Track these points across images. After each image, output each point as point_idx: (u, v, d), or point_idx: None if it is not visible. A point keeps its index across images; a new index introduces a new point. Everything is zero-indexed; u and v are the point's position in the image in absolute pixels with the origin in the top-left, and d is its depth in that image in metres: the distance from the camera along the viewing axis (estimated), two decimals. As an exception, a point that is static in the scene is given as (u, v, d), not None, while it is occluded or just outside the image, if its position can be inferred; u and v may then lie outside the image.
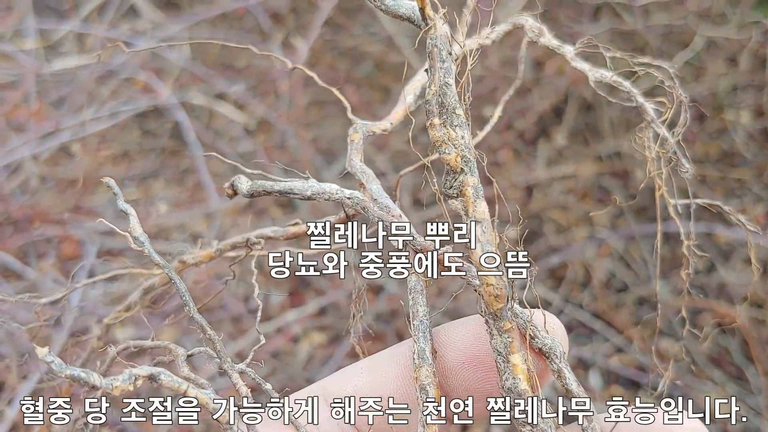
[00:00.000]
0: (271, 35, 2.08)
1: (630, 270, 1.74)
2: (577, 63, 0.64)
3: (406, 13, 0.53)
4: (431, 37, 0.48)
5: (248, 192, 0.55)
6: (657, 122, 0.62)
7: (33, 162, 1.77)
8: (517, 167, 1.87)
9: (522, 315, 0.49)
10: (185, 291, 0.50)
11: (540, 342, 0.49)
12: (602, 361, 1.60)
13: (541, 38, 0.65)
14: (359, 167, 0.57)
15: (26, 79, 1.88)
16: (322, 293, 1.64)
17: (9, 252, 1.60)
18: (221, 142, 1.94)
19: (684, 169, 0.61)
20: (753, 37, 1.82)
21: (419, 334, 0.50)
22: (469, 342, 0.50)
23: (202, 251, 0.61)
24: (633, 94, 0.63)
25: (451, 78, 0.47)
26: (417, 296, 0.51)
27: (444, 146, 0.46)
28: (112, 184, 0.53)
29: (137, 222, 0.52)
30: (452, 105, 0.47)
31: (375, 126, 0.61)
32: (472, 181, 0.46)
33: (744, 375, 1.54)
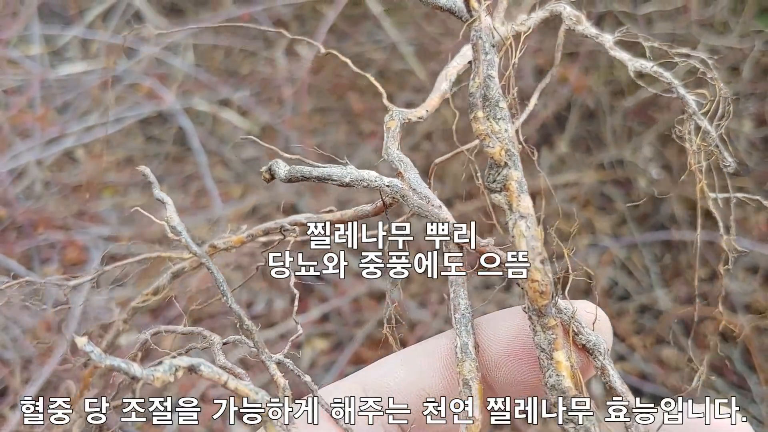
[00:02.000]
0: (275, 42, 2.08)
1: (632, 278, 1.74)
2: (616, 52, 0.64)
3: (446, 4, 0.53)
4: (475, 29, 0.47)
5: (286, 177, 0.54)
6: (698, 115, 0.61)
7: (37, 167, 1.77)
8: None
9: (565, 310, 0.48)
10: (222, 281, 0.50)
11: (584, 338, 0.48)
12: (604, 368, 1.60)
13: (578, 26, 0.65)
14: (396, 155, 0.55)
15: (31, 85, 1.88)
16: (325, 300, 1.64)
17: (13, 257, 1.60)
18: (225, 149, 1.95)
19: (726, 163, 0.61)
20: (755, 46, 1.83)
21: (461, 328, 0.49)
22: (512, 335, 0.50)
23: (233, 236, 0.60)
24: (674, 85, 0.62)
25: (494, 70, 0.47)
26: (458, 289, 0.51)
27: (488, 139, 0.46)
28: (147, 173, 0.53)
29: (174, 211, 0.52)
30: (496, 98, 0.46)
31: (411, 113, 0.60)
32: (516, 176, 0.46)
33: (746, 384, 1.54)
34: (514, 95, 0.49)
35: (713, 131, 0.60)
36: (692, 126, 0.61)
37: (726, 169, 0.61)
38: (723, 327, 1.54)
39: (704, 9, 1.89)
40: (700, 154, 0.61)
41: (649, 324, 1.66)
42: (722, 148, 0.60)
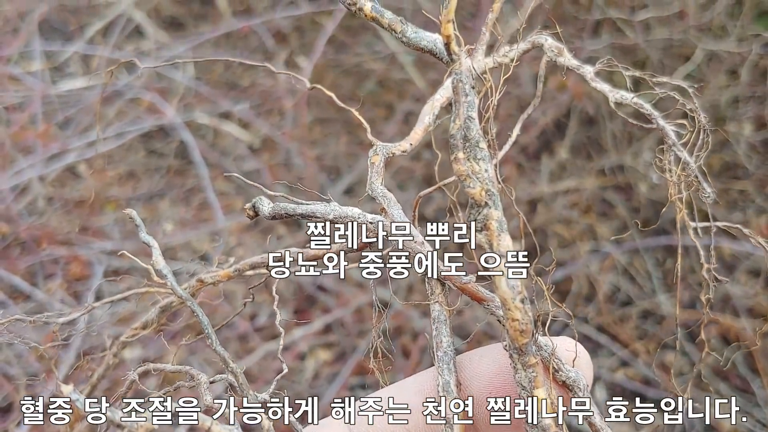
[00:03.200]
0: (275, 54, 2.09)
1: (634, 283, 1.74)
2: (597, 84, 0.64)
3: (427, 46, 0.54)
4: (455, 72, 0.47)
5: (270, 214, 0.55)
6: (678, 145, 0.62)
7: (40, 183, 1.78)
8: (520, 182, 1.87)
9: (545, 347, 0.49)
10: (208, 323, 0.51)
11: (564, 375, 0.49)
12: (608, 375, 1.60)
13: (559, 58, 0.65)
14: (380, 191, 0.56)
15: (33, 101, 1.89)
16: (327, 311, 1.64)
17: (17, 273, 1.61)
18: (226, 161, 1.96)
19: (705, 194, 0.61)
20: (753, 49, 1.83)
21: (443, 366, 0.50)
22: (494, 372, 0.51)
23: (220, 271, 0.61)
24: (654, 116, 0.63)
25: (474, 112, 0.47)
26: (440, 326, 0.52)
27: (468, 180, 0.46)
28: (134, 216, 0.53)
29: (160, 254, 0.53)
30: (476, 138, 0.47)
31: (395, 147, 0.61)
32: (496, 215, 0.45)
33: (750, 387, 1.54)
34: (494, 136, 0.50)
35: (692, 162, 0.61)
36: (672, 157, 0.62)
37: (705, 200, 0.61)
38: (726, 332, 1.54)
39: (702, 13, 1.90)
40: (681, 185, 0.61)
41: (651, 329, 1.66)
42: (701, 178, 0.61)
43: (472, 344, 1.54)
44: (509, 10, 1.77)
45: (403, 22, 0.55)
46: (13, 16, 2.05)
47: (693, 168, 0.61)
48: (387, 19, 0.54)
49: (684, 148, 0.61)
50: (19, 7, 2.07)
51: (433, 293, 0.52)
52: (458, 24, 0.48)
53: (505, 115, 1.87)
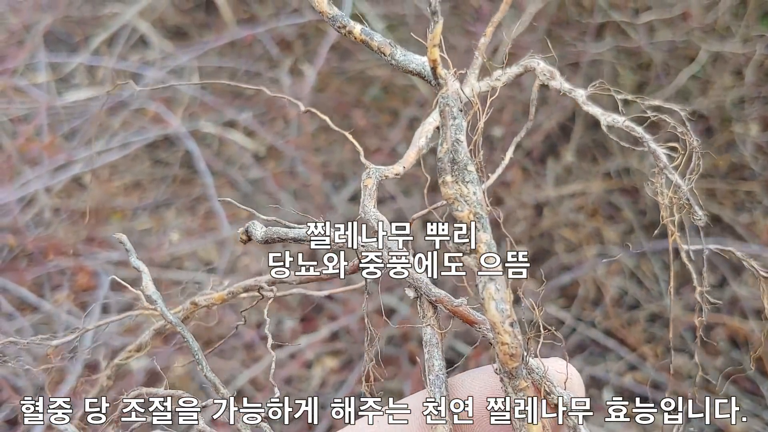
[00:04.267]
0: (280, 62, 2.10)
1: (642, 287, 1.74)
2: (588, 107, 0.65)
3: (416, 69, 0.55)
4: (443, 96, 0.47)
5: (262, 239, 0.55)
6: (669, 169, 0.62)
7: (46, 194, 1.79)
8: (526, 186, 1.87)
9: (537, 370, 0.49)
10: (198, 349, 0.51)
11: (555, 398, 0.49)
12: (616, 379, 1.60)
13: (551, 82, 0.66)
14: (373, 214, 0.56)
15: (38, 113, 1.90)
16: (334, 318, 1.64)
17: (24, 284, 1.62)
18: (232, 170, 1.96)
19: (697, 217, 0.61)
20: (758, 49, 1.83)
21: (435, 389, 0.50)
22: (485, 394, 0.50)
23: (215, 293, 0.61)
24: (645, 139, 0.63)
25: (462, 134, 0.47)
26: (432, 349, 0.51)
27: (456, 203, 0.45)
28: (124, 240, 0.54)
29: (150, 280, 0.53)
30: (464, 161, 0.46)
31: (388, 170, 0.61)
32: (485, 238, 0.45)
33: (758, 390, 1.53)
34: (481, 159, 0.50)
35: (684, 185, 0.61)
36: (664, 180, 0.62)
37: (697, 223, 0.61)
38: (734, 334, 1.53)
39: (706, 14, 1.89)
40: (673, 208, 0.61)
41: (659, 333, 1.66)
42: (693, 201, 0.61)
43: (479, 349, 1.54)
44: (512, 15, 1.77)
45: (392, 45, 0.55)
46: (19, 28, 2.06)
47: (684, 191, 0.61)
48: (376, 42, 0.55)
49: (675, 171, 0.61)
50: (24, 20, 2.08)
51: (424, 316, 0.52)
52: (461, 28, 0.48)
53: (510, 120, 1.87)
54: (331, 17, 0.55)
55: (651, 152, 0.62)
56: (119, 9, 2.13)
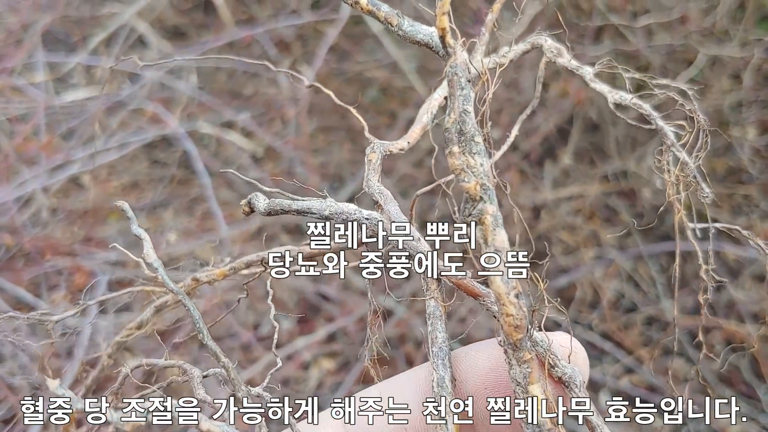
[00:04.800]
0: (278, 63, 2.10)
1: (639, 289, 1.74)
2: (596, 84, 0.64)
3: (424, 39, 0.54)
4: (451, 65, 0.47)
5: (265, 210, 0.55)
6: (677, 146, 0.62)
7: (44, 194, 1.78)
8: (523, 188, 1.87)
9: (542, 343, 0.48)
10: (199, 318, 0.51)
11: (560, 371, 0.49)
12: (612, 382, 1.60)
13: (559, 59, 0.65)
14: (377, 188, 0.56)
15: (36, 112, 1.90)
16: (331, 319, 1.64)
17: (21, 284, 1.61)
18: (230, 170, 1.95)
19: (704, 194, 0.61)
20: (756, 53, 1.83)
21: (438, 362, 0.50)
22: (489, 368, 0.50)
23: (216, 269, 0.61)
24: (653, 117, 0.63)
25: (470, 105, 0.47)
26: (436, 322, 0.51)
27: (463, 174, 0.45)
28: (126, 208, 0.54)
29: (151, 247, 0.53)
30: (471, 132, 0.46)
31: (392, 145, 0.61)
32: (491, 210, 0.45)
33: (755, 393, 1.54)
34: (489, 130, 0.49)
35: (691, 162, 0.61)
36: (671, 157, 0.61)
37: (704, 200, 0.61)
38: (731, 337, 1.53)
39: (704, 18, 1.89)
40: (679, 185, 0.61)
41: (656, 335, 1.66)
42: (700, 178, 0.61)
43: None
44: (510, 17, 1.77)
45: (399, 15, 0.55)
46: (17, 27, 2.06)
47: (692, 168, 0.60)
48: (383, 12, 0.54)
49: (683, 149, 0.61)
50: (22, 19, 2.07)
51: (428, 289, 0.52)
52: (460, 30, 0.48)
53: (508, 122, 1.87)
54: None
55: (658, 129, 0.62)
56: (118, 9, 2.13)
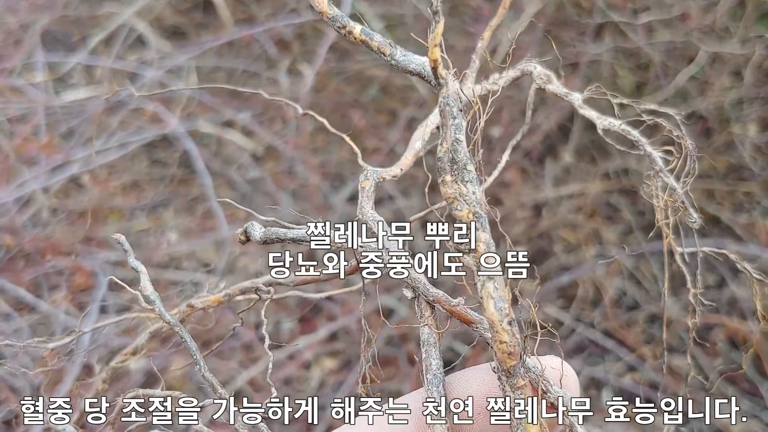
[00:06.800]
0: (278, 62, 2.09)
1: (641, 288, 1.74)
2: (585, 111, 0.65)
3: (416, 69, 0.54)
4: (443, 96, 0.47)
5: (261, 239, 0.55)
6: (665, 171, 0.63)
7: (44, 194, 1.78)
8: (524, 187, 1.87)
9: (534, 369, 0.49)
10: (196, 350, 0.51)
11: (552, 396, 0.49)
12: (615, 380, 1.59)
13: (548, 85, 0.66)
14: (371, 215, 0.56)
15: (36, 112, 1.90)
16: (333, 318, 1.64)
17: (21, 285, 1.61)
18: (230, 170, 1.95)
19: (692, 220, 0.62)
20: (757, 50, 1.82)
21: (433, 389, 0.50)
22: (482, 393, 0.50)
23: (211, 296, 0.62)
24: (641, 143, 0.63)
25: (462, 134, 0.47)
26: (430, 349, 0.51)
27: (456, 203, 0.46)
28: (122, 241, 0.54)
29: (148, 280, 0.53)
30: (463, 161, 0.47)
31: (385, 172, 0.61)
32: (483, 237, 0.46)
33: (758, 391, 1.53)
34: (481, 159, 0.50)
35: (679, 188, 0.61)
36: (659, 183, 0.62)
37: (692, 225, 0.62)
38: (734, 335, 1.53)
39: (704, 15, 1.89)
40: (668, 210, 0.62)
41: (658, 333, 1.66)
42: (688, 204, 0.61)
43: (477, 349, 1.54)
44: (511, 15, 1.76)
45: (392, 45, 0.55)
46: (16, 27, 2.06)
47: (680, 194, 0.61)
48: (376, 42, 0.55)
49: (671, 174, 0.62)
50: (21, 19, 2.07)
51: (422, 316, 0.52)
52: (460, 29, 0.48)
53: (508, 120, 1.87)
54: (331, 17, 0.55)
55: (647, 155, 0.62)
56: (116, 9, 2.12)
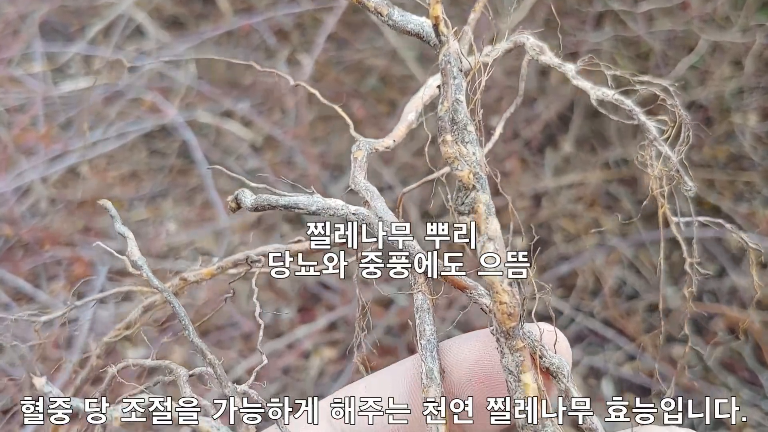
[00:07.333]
0: (277, 52, 2.09)
1: (640, 277, 1.73)
2: (578, 81, 0.64)
3: (414, 29, 0.54)
4: (444, 54, 0.47)
5: (252, 206, 0.55)
6: (659, 140, 0.62)
7: (42, 185, 1.78)
8: (524, 176, 1.87)
9: (530, 334, 0.48)
10: (184, 315, 0.50)
11: (548, 361, 0.49)
12: (614, 369, 1.59)
13: (541, 56, 0.65)
14: (363, 184, 0.56)
15: (34, 103, 1.89)
16: (332, 308, 1.64)
17: (20, 275, 1.61)
18: (229, 160, 1.95)
19: (687, 188, 0.61)
20: (757, 39, 1.82)
21: (427, 354, 0.49)
22: (476, 359, 0.50)
23: (204, 269, 0.61)
24: (635, 112, 0.63)
25: (462, 94, 0.47)
26: (424, 315, 0.51)
27: (456, 162, 0.46)
28: (109, 207, 0.53)
29: (135, 246, 0.52)
30: (464, 121, 0.47)
31: (378, 143, 0.61)
32: (484, 198, 0.45)
33: (758, 380, 1.53)
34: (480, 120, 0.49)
35: (673, 156, 0.61)
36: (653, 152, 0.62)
37: (687, 194, 0.61)
38: (734, 324, 1.53)
39: (705, 4, 1.88)
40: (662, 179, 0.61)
41: (658, 322, 1.65)
42: (683, 172, 0.61)
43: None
44: (512, 4, 1.76)
45: (389, 5, 0.54)
46: (14, 18, 2.05)
47: (674, 162, 0.61)
48: (373, 2, 0.54)
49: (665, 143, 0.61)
50: (19, 9, 2.06)
51: (415, 283, 0.52)
52: (460, 18, 0.48)
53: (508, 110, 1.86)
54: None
55: (641, 125, 0.62)
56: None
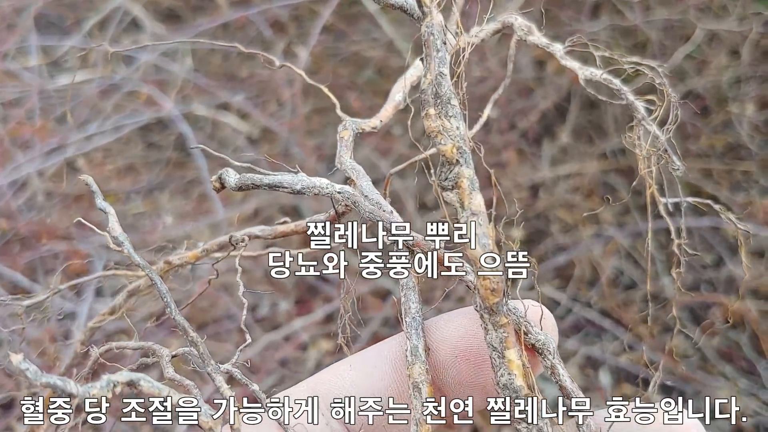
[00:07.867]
0: (273, 44, 2.08)
1: (638, 267, 1.73)
2: (566, 61, 0.64)
3: (398, 2, 0.53)
4: (427, 26, 0.47)
5: (236, 185, 0.55)
6: (647, 120, 0.62)
7: (39, 178, 1.78)
8: (521, 167, 1.86)
9: (515, 310, 0.48)
10: (166, 292, 0.50)
11: (533, 338, 0.48)
12: (612, 359, 1.59)
13: (529, 37, 0.65)
14: (349, 164, 0.56)
15: (30, 96, 1.89)
16: (329, 300, 1.64)
17: (17, 269, 1.61)
18: (225, 152, 1.94)
19: (675, 167, 0.61)
20: (754, 28, 1.81)
21: (412, 331, 0.49)
22: (460, 336, 0.50)
23: (188, 252, 0.61)
24: (623, 92, 0.63)
25: (446, 68, 0.47)
26: (409, 293, 0.51)
27: (439, 137, 0.46)
28: (90, 182, 0.53)
29: (116, 221, 0.52)
30: (447, 95, 0.46)
31: (365, 123, 0.61)
32: (467, 173, 0.45)
33: (755, 369, 1.53)
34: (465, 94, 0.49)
35: (662, 135, 0.60)
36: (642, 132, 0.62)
37: (675, 173, 0.61)
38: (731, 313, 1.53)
39: (702, -7, 1.88)
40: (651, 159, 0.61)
41: (655, 313, 1.65)
42: (671, 151, 0.61)
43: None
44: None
45: None
46: (9, 11, 2.04)
47: (662, 141, 0.60)
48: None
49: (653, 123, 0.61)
50: (15, 3, 2.05)
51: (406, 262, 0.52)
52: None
53: (505, 101, 1.86)
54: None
55: (629, 104, 0.62)
56: (111, -9, 2.11)
